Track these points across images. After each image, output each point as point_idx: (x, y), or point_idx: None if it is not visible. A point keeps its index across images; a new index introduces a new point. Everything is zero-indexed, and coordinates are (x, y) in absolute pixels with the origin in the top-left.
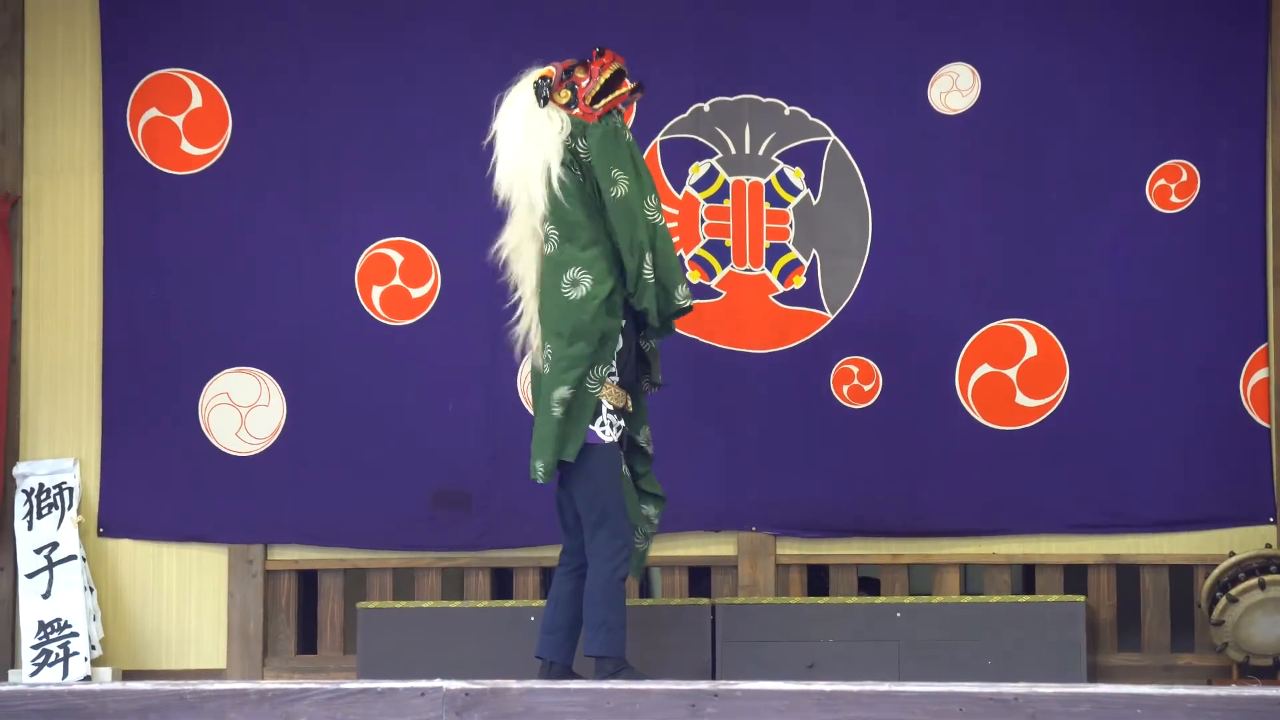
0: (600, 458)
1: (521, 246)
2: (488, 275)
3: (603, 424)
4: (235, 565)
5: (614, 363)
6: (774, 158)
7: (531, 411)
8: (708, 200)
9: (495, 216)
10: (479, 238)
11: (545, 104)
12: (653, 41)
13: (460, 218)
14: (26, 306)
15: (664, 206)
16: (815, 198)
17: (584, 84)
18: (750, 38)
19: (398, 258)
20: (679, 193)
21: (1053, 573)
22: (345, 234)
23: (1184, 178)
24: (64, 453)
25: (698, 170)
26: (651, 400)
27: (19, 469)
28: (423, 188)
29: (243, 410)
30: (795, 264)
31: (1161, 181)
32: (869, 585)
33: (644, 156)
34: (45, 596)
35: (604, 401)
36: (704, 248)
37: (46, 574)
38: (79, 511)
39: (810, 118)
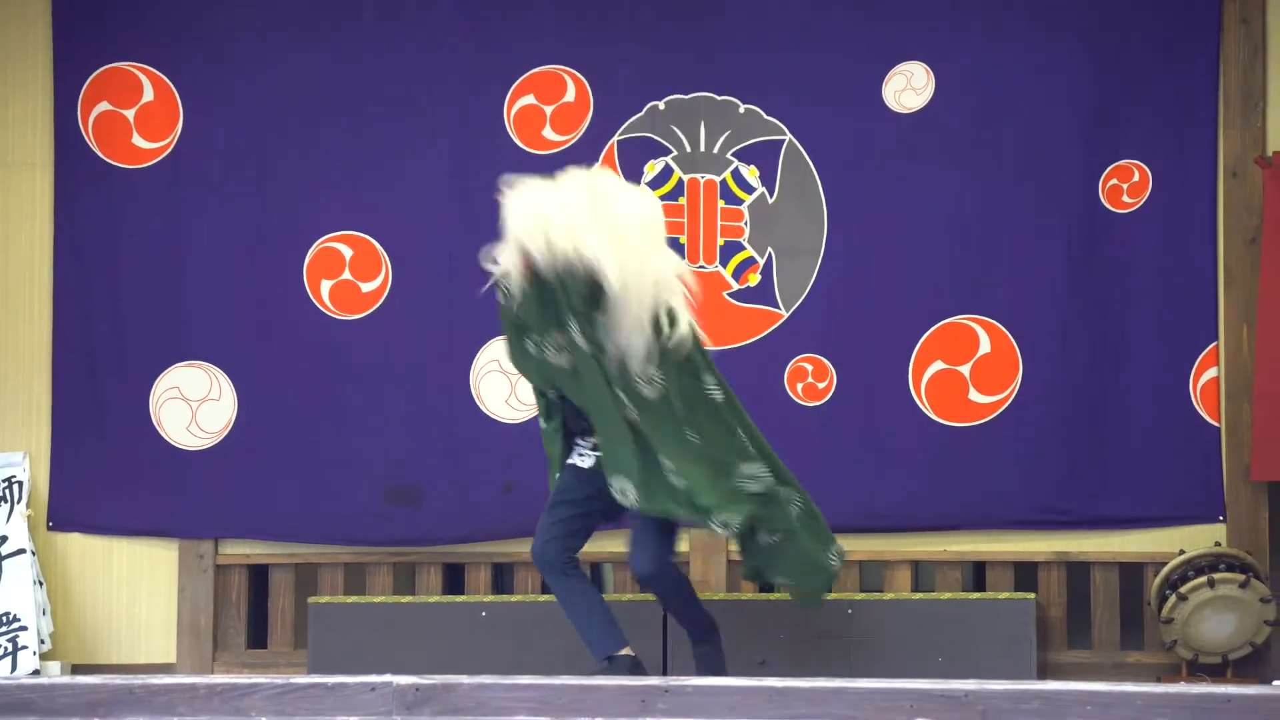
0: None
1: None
2: (440, 270)
3: None
4: (186, 560)
5: None
6: (729, 155)
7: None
8: (663, 198)
9: (445, 211)
10: (429, 231)
11: None
12: (609, 41)
13: (410, 211)
14: None
15: None
16: (771, 196)
17: None
18: (706, 36)
19: (347, 251)
20: None
21: (1003, 570)
22: (295, 227)
23: (1136, 177)
24: (13, 446)
25: (653, 168)
26: None
27: None
28: (373, 181)
29: (193, 404)
30: (750, 262)
31: (1114, 181)
32: None
33: (601, 158)
34: None
35: None
36: None
37: None
38: (28, 505)
39: (765, 116)
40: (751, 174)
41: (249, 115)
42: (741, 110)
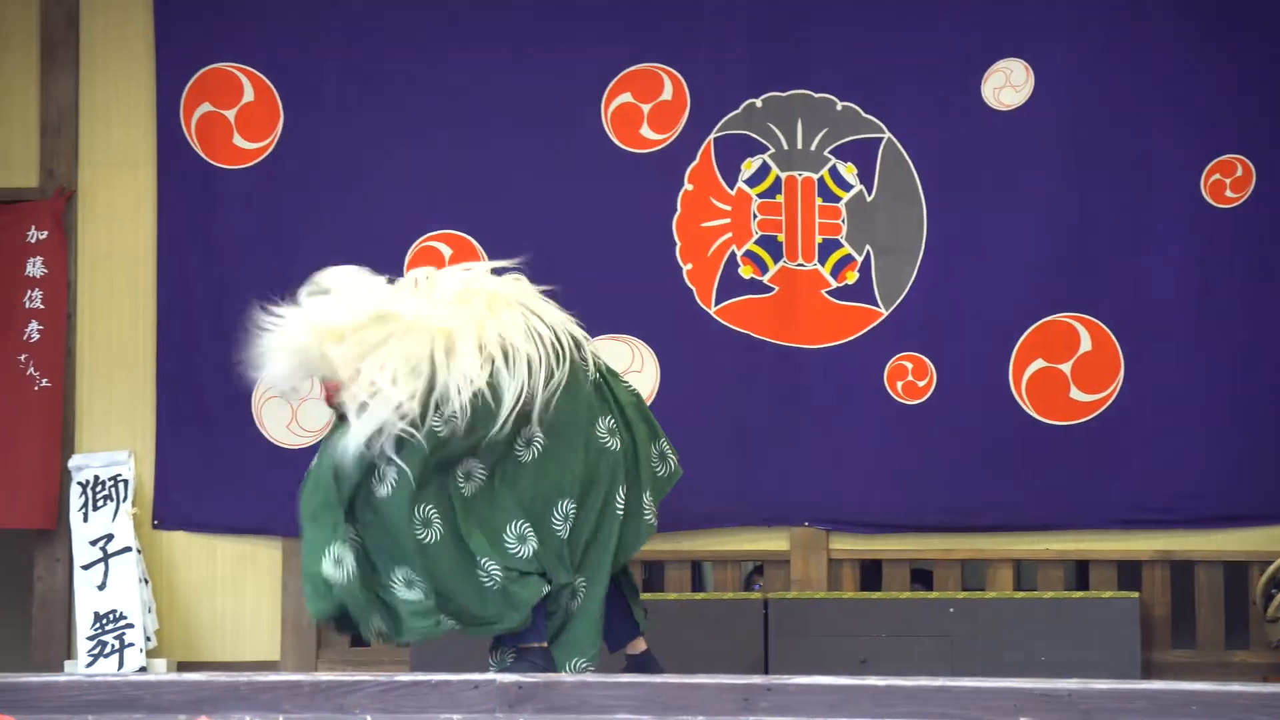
0: None
1: None
2: (538, 269)
3: None
4: (290, 557)
5: None
6: (826, 153)
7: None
8: (760, 196)
9: (543, 210)
10: (527, 230)
11: None
12: (706, 38)
13: (508, 210)
14: (81, 300)
15: (717, 203)
16: (869, 193)
17: None
18: (803, 34)
19: (447, 250)
20: (732, 189)
21: (1106, 569)
22: (394, 227)
23: (1239, 172)
24: (119, 445)
25: (750, 166)
26: (704, 394)
27: (74, 461)
28: (472, 181)
29: (294, 403)
30: (848, 259)
31: (1216, 176)
32: (922, 576)
33: (698, 156)
34: (100, 588)
35: None
36: (756, 243)
37: (102, 566)
38: (134, 504)
39: (863, 113)
40: (849, 171)
41: (347, 114)
42: (839, 107)
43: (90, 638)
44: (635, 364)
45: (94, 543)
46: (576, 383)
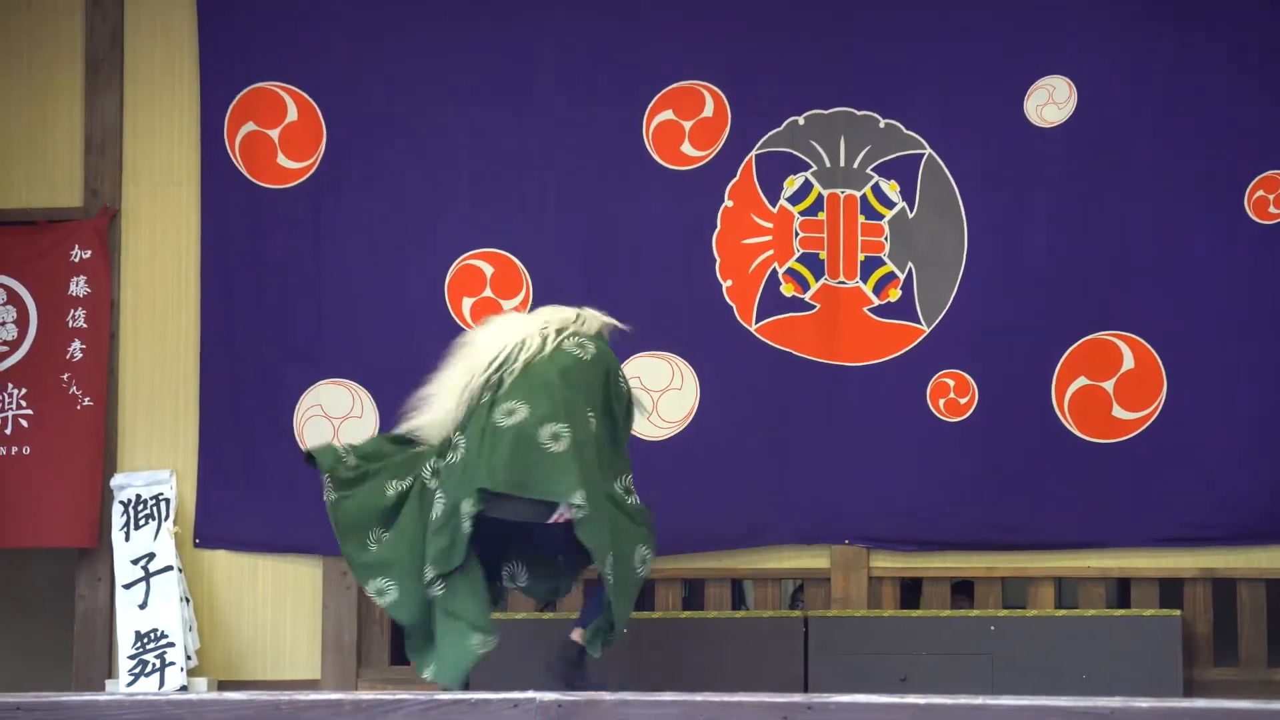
0: None
1: None
2: (578, 286)
3: None
4: (329, 577)
5: None
6: (869, 170)
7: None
8: (802, 214)
9: (584, 228)
10: (569, 248)
11: None
12: (749, 55)
13: (550, 228)
14: (124, 319)
15: (759, 220)
16: (911, 210)
17: None
18: (845, 51)
19: (488, 269)
20: (774, 206)
21: (1148, 586)
22: (436, 245)
23: None
24: (161, 464)
25: (792, 184)
26: (744, 411)
27: (116, 480)
28: (513, 199)
29: (335, 422)
30: (891, 277)
31: (1260, 192)
32: (964, 588)
33: (739, 173)
34: (142, 607)
35: None
36: (798, 260)
37: (143, 584)
38: (175, 522)
39: (905, 130)
40: (892, 189)
41: (390, 134)
42: (881, 125)
43: (131, 656)
44: (675, 381)
45: (135, 561)
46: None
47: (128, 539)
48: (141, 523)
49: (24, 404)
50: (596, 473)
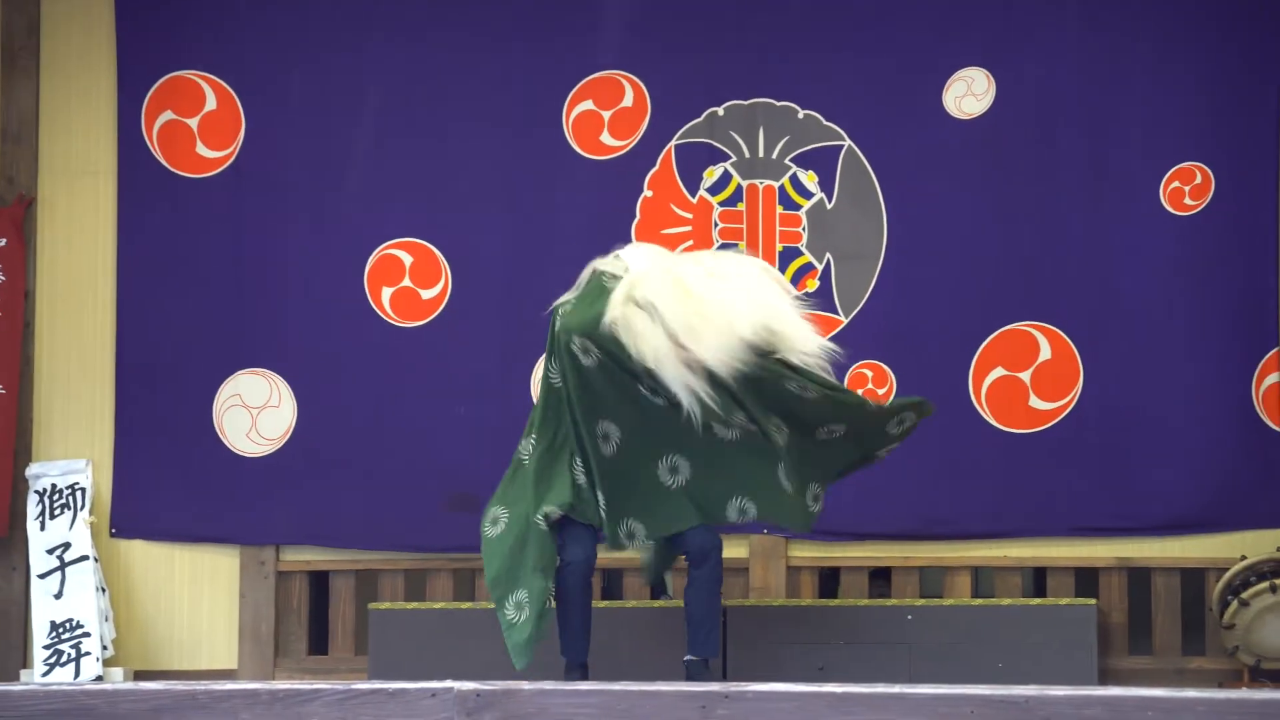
0: None
1: None
2: (498, 277)
3: None
4: (247, 566)
5: None
6: (787, 161)
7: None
8: (721, 204)
9: (503, 218)
10: (489, 238)
11: None
12: (668, 46)
13: (469, 218)
14: (40, 308)
15: (679, 211)
16: (829, 201)
17: None
18: (764, 42)
19: (407, 258)
20: (693, 197)
21: (1064, 576)
22: (355, 235)
23: (1198, 179)
24: (77, 454)
25: (711, 174)
26: None
27: (32, 470)
28: (432, 188)
29: (254, 412)
30: (809, 267)
31: (1175, 184)
32: (881, 573)
33: (659, 163)
34: (57, 597)
35: None
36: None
37: (59, 574)
38: (91, 512)
39: (824, 121)
40: (810, 179)
41: (310, 124)
42: (800, 116)
43: (47, 647)
44: None
45: (51, 551)
46: None
47: (43, 528)
48: (57, 512)
49: None
50: None
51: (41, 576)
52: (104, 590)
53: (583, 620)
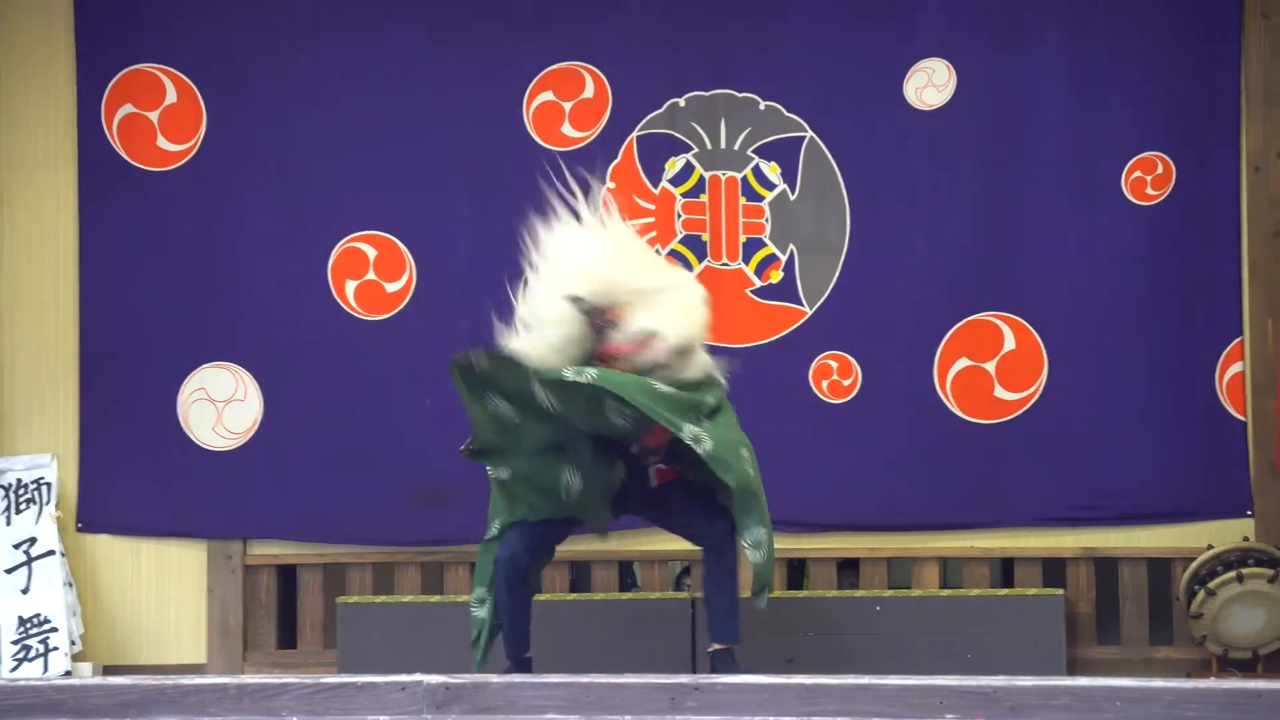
0: None
1: None
2: (463, 269)
3: None
4: (214, 560)
5: None
6: (750, 152)
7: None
8: (684, 195)
9: (466, 210)
10: (452, 230)
11: None
12: (629, 37)
13: (432, 211)
14: (1, 303)
15: (641, 202)
16: (792, 193)
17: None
18: (726, 33)
19: (371, 252)
20: (655, 188)
21: (1031, 566)
22: (319, 228)
23: (1159, 170)
24: (42, 448)
25: (674, 165)
26: None
27: None
28: (395, 181)
29: (219, 405)
30: (772, 258)
31: (1137, 174)
32: (849, 563)
33: (620, 154)
34: (24, 592)
35: None
36: (680, 242)
37: (25, 569)
38: (57, 507)
39: (786, 113)
40: (773, 171)
41: (271, 117)
42: (762, 107)
43: (14, 642)
44: None
45: (17, 546)
46: None
47: (9, 523)
48: (23, 507)
49: None
50: None
51: (8, 572)
52: (71, 585)
53: (512, 616)
